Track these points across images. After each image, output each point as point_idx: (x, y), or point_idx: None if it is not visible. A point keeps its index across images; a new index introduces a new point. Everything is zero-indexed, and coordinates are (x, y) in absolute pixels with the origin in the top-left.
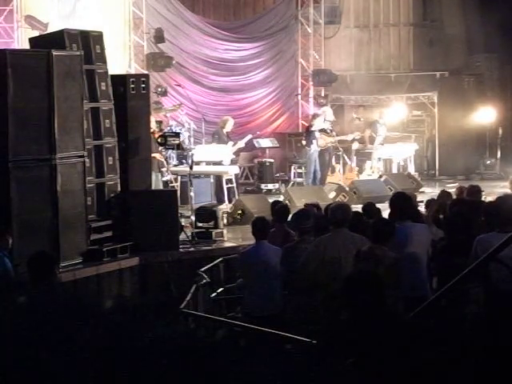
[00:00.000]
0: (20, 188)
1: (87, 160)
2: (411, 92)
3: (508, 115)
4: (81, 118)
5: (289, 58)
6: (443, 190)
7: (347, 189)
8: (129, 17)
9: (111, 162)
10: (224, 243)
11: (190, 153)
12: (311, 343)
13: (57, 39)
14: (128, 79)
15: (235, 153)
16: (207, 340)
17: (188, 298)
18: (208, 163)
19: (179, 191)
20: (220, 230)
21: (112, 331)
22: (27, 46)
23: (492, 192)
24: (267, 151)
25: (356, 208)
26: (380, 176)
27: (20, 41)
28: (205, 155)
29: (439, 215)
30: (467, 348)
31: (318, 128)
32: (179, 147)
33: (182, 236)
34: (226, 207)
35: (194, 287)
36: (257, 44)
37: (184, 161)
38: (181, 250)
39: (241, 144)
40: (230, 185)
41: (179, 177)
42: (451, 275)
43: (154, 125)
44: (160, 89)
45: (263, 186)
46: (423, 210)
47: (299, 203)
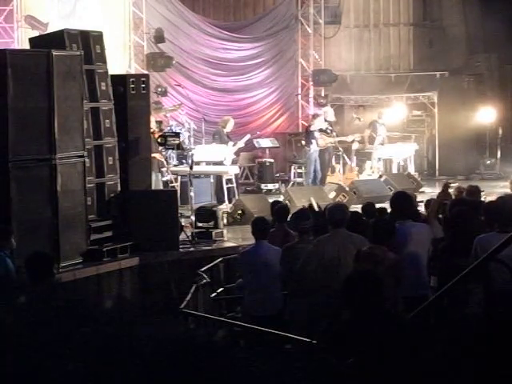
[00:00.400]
0: (20, 188)
1: (87, 160)
2: (411, 92)
3: (508, 115)
4: (81, 118)
5: (289, 58)
6: (443, 191)
7: (347, 189)
8: (129, 17)
9: (111, 162)
10: (224, 243)
11: (190, 153)
12: (311, 343)
13: (57, 39)
14: (128, 79)
15: (235, 153)
16: (207, 340)
17: (188, 298)
18: (208, 163)
19: (179, 191)
20: (220, 230)
21: (112, 331)
22: (27, 46)
23: (492, 192)
24: (267, 151)
25: (356, 208)
26: (380, 176)
27: (20, 41)
28: (205, 155)
29: (438, 214)
30: (467, 348)
31: (318, 128)
32: (179, 147)
33: (182, 236)
34: (226, 207)
35: (194, 287)
36: (257, 44)
37: (184, 161)
38: (181, 250)
39: (240, 144)
40: (230, 185)
41: (179, 177)
42: (451, 275)
43: (154, 125)
44: (160, 89)
45: (263, 186)
46: (422, 210)
47: (299, 203)
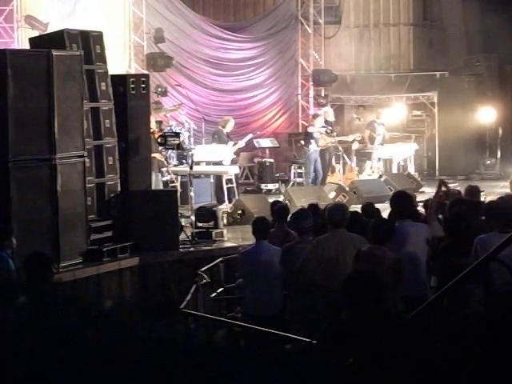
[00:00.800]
0: (20, 188)
1: (87, 160)
2: (411, 92)
3: (508, 115)
4: (81, 118)
5: (289, 58)
6: (443, 190)
7: (347, 189)
8: (129, 17)
9: (111, 162)
10: (224, 243)
11: (190, 153)
12: (311, 343)
13: (57, 39)
14: (128, 79)
15: (235, 153)
16: (207, 340)
17: (188, 298)
18: (208, 163)
19: (179, 191)
20: (220, 230)
21: (111, 331)
22: (27, 46)
23: (492, 192)
24: (267, 151)
25: (356, 208)
26: (380, 176)
27: (20, 41)
28: (205, 155)
29: (438, 214)
30: (467, 348)
31: (318, 128)
32: (179, 147)
33: (182, 236)
34: (226, 207)
35: (194, 287)
36: (257, 44)
37: (184, 161)
38: (181, 250)
39: (241, 144)
40: (230, 185)
41: (179, 177)
42: (451, 275)
43: (154, 125)
44: (160, 89)
45: (263, 186)
46: (422, 210)
47: (299, 203)
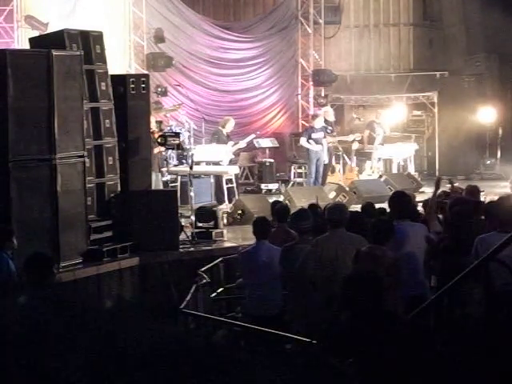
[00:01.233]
0: (20, 188)
1: (87, 160)
2: (411, 92)
3: (508, 115)
4: (81, 118)
5: (289, 58)
6: (442, 190)
7: (347, 189)
8: (129, 17)
9: (111, 162)
10: (224, 243)
11: (190, 153)
12: (311, 343)
13: (57, 39)
14: (128, 79)
15: (235, 153)
16: (207, 340)
17: (188, 298)
18: (208, 163)
19: (179, 191)
20: (220, 230)
21: (111, 331)
22: (27, 46)
23: (492, 192)
24: (267, 151)
25: (356, 208)
26: (380, 176)
27: (20, 41)
28: (205, 155)
29: (437, 214)
30: (467, 348)
31: (318, 127)
32: (179, 147)
33: (182, 236)
34: (226, 207)
35: (194, 287)
36: (257, 44)
37: (184, 161)
38: (181, 250)
39: (242, 144)
40: (230, 185)
41: (179, 177)
42: (452, 275)
43: (154, 125)
44: (160, 89)
45: (263, 186)
46: (421, 210)
47: (299, 203)
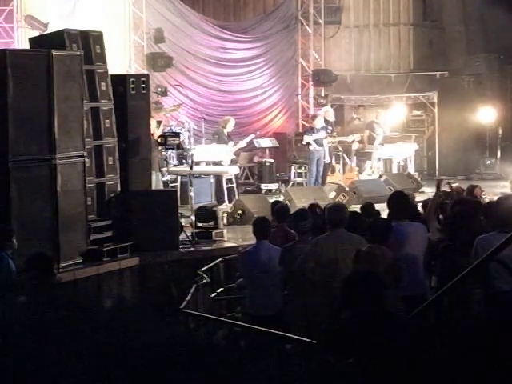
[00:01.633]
0: (20, 188)
1: (87, 160)
2: (411, 92)
3: (508, 115)
4: (81, 118)
5: (289, 58)
6: (442, 190)
7: (347, 189)
8: (129, 17)
9: (111, 162)
10: (224, 243)
11: (190, 153)
12: (311, 343)
13: (57, 39)
14: (128, 79)
15: (235, 153)
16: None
17: (188, 298)
18: (208, 163)
19: (179, 191)
20: (220, 230)
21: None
22: (27, 46)
23: (492, 192)
24: (267, 151)
25: (356, 208)
26: (380, 176)
27: (20, 41)
28: (205, 155)
29: (438, 214)
30: (467, 348)
31: (311, 137)
32: (179, 147)
33: (182, 236)
34: (226, 207)
35: (194, 287)
36: (257, 44)
37: (184, 161)
38: (181, 250)
39: (242, 144)
40: (230, 185)
41: (179, 177)
42: (452, 275)
43: (155, 125)
44: (160, 89)
45: (263, 186)
46: (421, 210)
47: (299, 203)
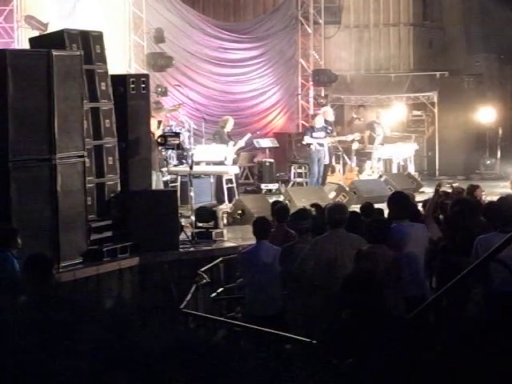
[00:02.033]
0: (20, 188)
1: (87, 160)
2: (411, 92)
3: (508, 115)
4: (81, 118)
5: (289, 58)
6: (442, 190)
7: (347, 189)
8: (129, 17)
9: (111, 162)
10: (224, 243)
11: (190, 153)
12: (311, 343)
13: (57, 39)
14: (128, 79)
15: (236, 153)
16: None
17: (188, 298)
18: (208, 163)
19: (179, 191)
20: (220, 230)
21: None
22: (27, 46)
23: (492, 192)
24: (267, 151)
25: (356, 208)
26: (380, 176)
27: (20, 41)
28: (205, 155)
29: (438, 214)
30: (467, 348)
31: (311, 139)
32: (179, 147)
33: (182, 236)
34: (226, 207)
35: (194, 287)
36: (257, 44)
37: (184, 161)
38: (181, 250)
39: (241, 143)
40: (230, 185)
41: (179, 177)
42: (451, 275)
43: (156, 126)
44: (160, 89)
45: (263, 186)
46: (422, 210)
47: (299, 203)
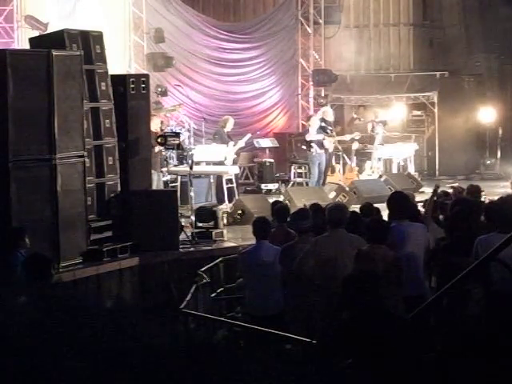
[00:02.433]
0: (20, 188)
1: (87, 160)
2: (411, 92)
3: (508, 115)
4: (81, 118)
5: (289, 58)
6: (442, 190)
7: (347, 189)
8: (129, 17)
9: (111, 162)
10: (224, 243)
11: (190, 153)
12: (311, 343)
13: (57, 39)
14: (128, 79)
15: (236, 153)
16: (207, 340)
17: (188, 298)
18: (208, 163)
19: (179, 191)
20: (220, 230)
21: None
22: (27, 46)
23: (492, 192)
24: (267, 151)
25: (356, 208)
26: (380, 176)
27: (20, 41)
28: (205, 155)
29: (438, 214)
30: (467, 348)
31: (315, 134)
32: (179, 147)
33: (182, 236)
34: (226, 207)
35: (194, 287)
36: (257, 44)
37: (184, 161)
38: (181, 250)
39: (241, 143)
40: (230, 185)
41: (179, 177)
42: (451, 275)
43: (159, 126)
44: (160, 89)
45: (263, 186)
46: (422, 210)
47: (299, 203)
